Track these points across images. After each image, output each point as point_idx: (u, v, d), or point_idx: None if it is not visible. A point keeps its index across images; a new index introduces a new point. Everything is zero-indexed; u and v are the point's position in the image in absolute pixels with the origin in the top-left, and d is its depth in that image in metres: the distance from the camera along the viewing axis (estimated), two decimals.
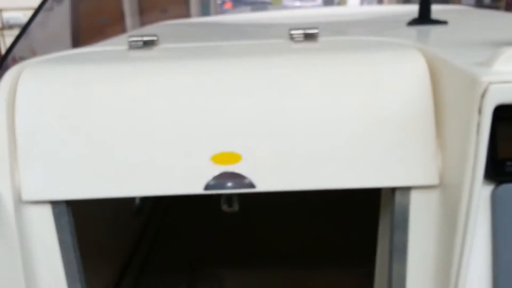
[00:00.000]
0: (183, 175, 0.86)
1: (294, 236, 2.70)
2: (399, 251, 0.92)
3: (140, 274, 2.35)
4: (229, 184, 0.86)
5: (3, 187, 0.86)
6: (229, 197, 0.95)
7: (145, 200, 2.46)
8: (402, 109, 0.84)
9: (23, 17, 5.10)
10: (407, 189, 0.87)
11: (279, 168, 0.86)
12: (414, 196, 0.87)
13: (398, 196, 0.88)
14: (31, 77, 0.90)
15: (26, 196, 0.87)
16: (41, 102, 0.87)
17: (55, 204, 0.89)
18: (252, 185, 0.86)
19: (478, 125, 0.71)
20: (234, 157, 0.85)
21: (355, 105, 0.85)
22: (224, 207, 0.98)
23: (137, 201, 2.37)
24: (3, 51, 5.20)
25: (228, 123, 0.85)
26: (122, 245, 2.31)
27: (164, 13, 5.03)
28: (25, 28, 2.41)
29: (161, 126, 0.86)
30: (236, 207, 0.98)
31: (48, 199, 0.88)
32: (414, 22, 1.39)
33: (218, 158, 0.85)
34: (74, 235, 0.91)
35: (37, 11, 2.44)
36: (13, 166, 0.87)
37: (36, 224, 0.89)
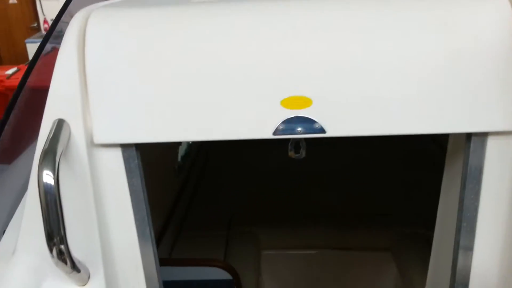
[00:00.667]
0: (252, 120, 0.85)
1: (332, 196, 2.70)
2: (470, 204, 0.89)
3: (180, 229, 2.40)
4: (299, 129, 0.85)
5: (76, 130, 0.87)
6: (297, 142, 0.94)
7: (186, 158, 2.49)
8: (482, 50, 0.81)
9: None
10: (483, 135, 0.85)
11: (350, 113, 0.84)
12: (491, 143, 0.85)
13: (474, 143, 0.85)
14: (99, 20, 0.89)
15: (97, 139, 0.88)
16: (111, 45, 0.87)
17: (125, 147, 0.89)
18: (322, 130, 0.85)
19: None
20: (304, 101, 0.84)
21: (432, 46, 0.82)
22: (291, 153, 0.97)
23: (179, 160, 2.40)
24: (41, 15, 5.22)
25: (300, 66, 0.84)
26: (165, 201, 2.35)
27: None
28: None
29: (231, 69, 0.85)
30: (303, 153, 0.97)
31: (118, 142, 0.88)
32: None
33: (288, 102, 0.84)
34: (143, 178, 0.92)
35: None
36: (85, 109, 0.87)
37: (106, 167, 0.90)
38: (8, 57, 5.33)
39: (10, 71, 3.98)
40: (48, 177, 0.77)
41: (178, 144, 2.31)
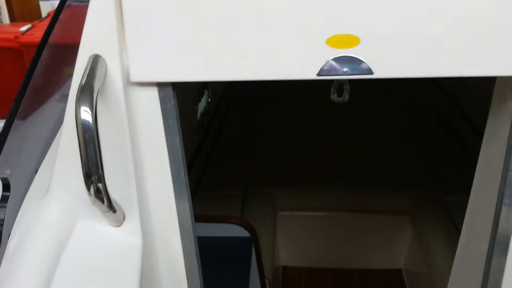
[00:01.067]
0: (296, 59, 0.82)
1: (350, 160, 2.68)
2: None
3: (196, 188, 2.39)
4: (345, 69, 0.82)
5: (112, 67, 0.84)
6: (340, 85, 0.91)
7: (205, 116, 2.46)
8: None
9: None
10: None
11: (399, 52, 0.80)
12: None
13: None
14: None
15: (134, 77, 0.85)
16: None
17: (161, 86, 0.87)
18: (369, 71, 0.81)
19: None
20: (351, 40, 0.81)
21: None
22: (334, 97, 0.94)
23: (199, 117, 2.38)
24: None
25: (347, 2, 0.80)
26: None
27: None
28: None
29: (275, 4, 0.81)
30: (346, 97, 0.94)
31: (155, 80, 0.85)
32: None
33: (334, 41, 0.81)
34: (179, 120, 0.89)
35: None
36: (122, 46, 0.84)
37: (142, 107, 0.88)
38: (21, 15, 5.27)
39: (24, 28, 3.93)
40: (86, 114, 0.74)
41: (198, 100, 2.28)
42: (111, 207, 0.82)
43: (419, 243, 2.28)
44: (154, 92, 0.87)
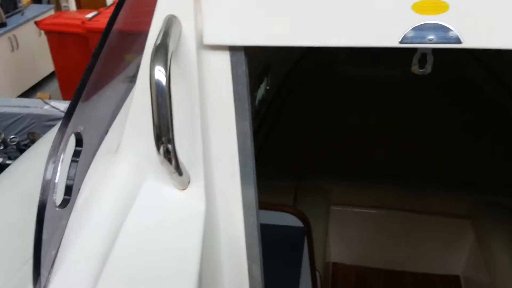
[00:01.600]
0: (378, 24, 0.76)
1: (411, 157, 2.58)
2: None
3: None
4: (430, 37, 0.76)
5: (187, 28, 0.82)
6: (423, 55, 0.85)
7: (263, 104, 2.43)
8: None
9: None
10: None
11: (493, 21, 0.74)
12: None
13: None
14: None
15: (207, 39, 0.83)
16: None
17: (234, 51, 0.84)
18: (457, 40, 0.75)
19: None
20: (440, 6, 0.75)
21: None
22: (415, 68, 0.89)
23: (256, 104, 2.35)
24: None
25: None
26: None
27: None
28: None
29: None
30: (428, 68, 0.88)
31: (227, 44, 0.83)
32: None
33: (420, 6, 0.75)
34: (249, 88, 0.86)
35: None
36: (197, 7, 0.82)
37: (213, 72, 0.86)
38: (87, 3, 5.46)
39: (90, 15, 4.05)
40: (160, 73, 0.73)
41: (257, 87, 2.26)
42: (178, 168, 0.81)
43: (481, 249, 2.17)
44: (226, 57, 0.85)
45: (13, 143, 2.96)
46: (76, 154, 0.85)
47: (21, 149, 3.00)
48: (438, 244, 2.46)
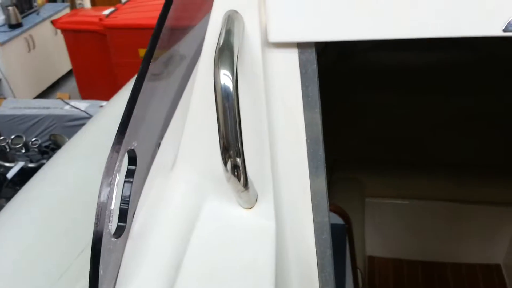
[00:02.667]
0: (478, 11, 0.68)
1: (446, 146, 2.51)
2: None
3: None
4: None
5: (250, 25, 0.75)
6: None
7: None
8: None
9: None
10: None
11: None
12: None
13: None
14: None
15: (272, 36, 0.75)
16: None
17: (303, 48, 0.76)
18: None
19: None
20: None
21: None
22: None
23: None
24: None
25: None
26: None
27: None
28: None
29: None
30: None
31: (296, 40, 0.75)
32: None
33: None
34: (319, 88, 0.79)
35: None
36: (260, 1, 0.75)
37: (279, 72, 0.78)
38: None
39: (107, 11, 4.00)
40: (226, 78, 0.64)
41: None
42: (246, 185, 0.71)
43: None
44: (293, 55, 0.77)
45: (35, 146, 2.91)
46: (130, 173, 0.75)
47: (43, 151, 2.95)
48: (478, 233, 2.40)
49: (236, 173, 0.68)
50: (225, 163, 0.67)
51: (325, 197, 0.83)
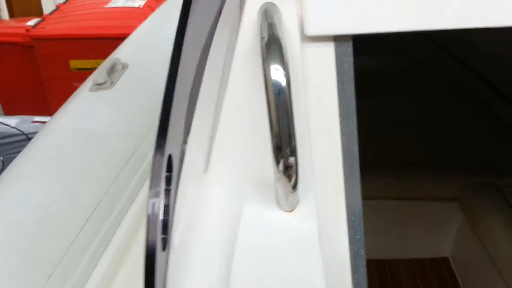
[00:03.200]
0: None
1: (393, 146, 2.61)
2: None
3: None
4: None
5: (288, 19, 0.73)
6: None
7: None
8: None
9: None
10: None
11: None
12: None
13: None
14: None
15: (308, 29, 0.73)
16: None
17: (339, 41, 0.75)
18: None
19: None
20: None
21: None
22: None
23: None
24: None
25: None
26: None
27: None
28: None
29: None
30: None
31: (332, 33, 0.74)
32: None
33: None
34: (354, 85, 0.78)
35: None
36: None
37: (314, 66, 0.75)
38: (20, 10, 5.10)
39: (32, 22, 3.78)
40: (277, 73, 0.63)
41: None
42: (296, 186, 0.68)
43: (474, 230, 2.22)
44: (330, 49, 0.75)
45: None
46: (168, 181, 0.70)
47: None
48: (426, 229, 2.51)
49: (287, 174, 0.66)
50: (277, 163, 0.65)
51: (359, 195, 0.81)
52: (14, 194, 1.22)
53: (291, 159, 0.65)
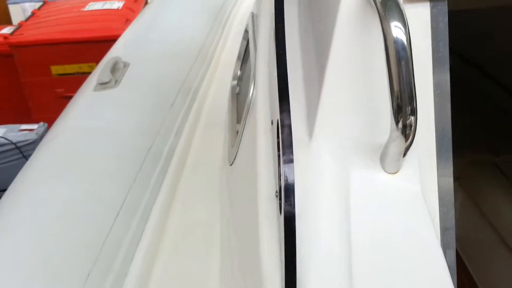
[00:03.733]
0: None
1: None
2: None
3: None
4: None
5: None
6: None
7: None
8: None
9: None
10: None
11: None
12: None
13: None
14: None
15: None
16: None
17: (434, 1, 0.74)
18: None
19: None
20: None
21: None
22: None
23: None
24: None
25: None
26: None
27: None
28: None
29: None
30: None
31: None
32: None
33: None
34: (448, 45, 0.76)
35: None
36: None
37: (412, 26, 0.71)
38: None
39: (7, 30, 3.68)
40: (398, 30, 0.62)
41: None
42: (409, 147, 0.68)
43: (478, 207, 2.27)
44: (425, 10, 0.73)
45: None
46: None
47: None
48: None
49: (405, 134, 0.66)
50: (397, 122, 0.65)
51: (451, 164, 0.80)
52: (39, 196, 1.19)
53: (411, 118, 0.65)
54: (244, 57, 1.21)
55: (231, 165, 0.96)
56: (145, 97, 1.65)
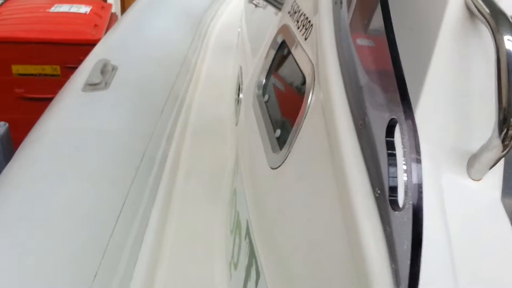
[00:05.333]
0: None
1: None
2: None
3: None
4: None
5: None
6: None
7: None
8: None
9: None
10: None
11: None
12: None
13: None
14: None
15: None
16: None
17: None
18: None
19: None
20: None
21: None
22: None
23: None
24: None
25: None
26: None
27: None
28: None
29: None
30: None
31: None
32: None
33: None
34: None
35: None
36: None
37: None
38: None
39: None
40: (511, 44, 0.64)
41: None
42: (502, 158, 0.70)
43: None
44: None
45: None
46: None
47: None
48: None
49: (504, 144, 0.68)
50: (500, 133, 0.67)
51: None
52: (39, 195, 1.15)
53: None
54: (271, 67, 1.23)
55: (275, 169, 0.96)
56: (136, 101, 1.64)
